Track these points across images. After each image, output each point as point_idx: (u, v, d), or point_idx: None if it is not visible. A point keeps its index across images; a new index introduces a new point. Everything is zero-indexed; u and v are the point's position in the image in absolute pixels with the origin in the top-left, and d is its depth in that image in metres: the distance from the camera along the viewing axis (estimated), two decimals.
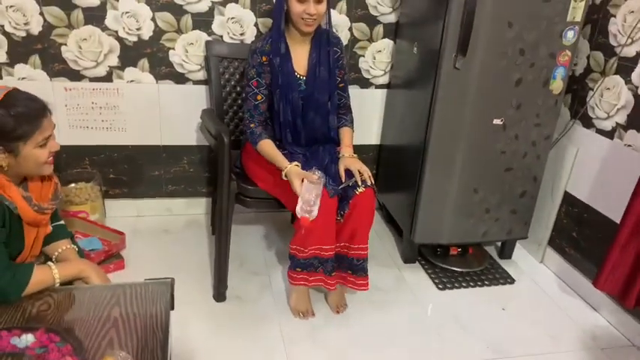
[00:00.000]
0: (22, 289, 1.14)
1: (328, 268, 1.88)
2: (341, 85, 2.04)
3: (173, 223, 2.59)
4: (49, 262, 1.27)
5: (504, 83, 2.04)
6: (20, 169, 1.22)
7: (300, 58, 1.93)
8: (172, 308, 1.19)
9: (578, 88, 2.26)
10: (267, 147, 1.88)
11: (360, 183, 1.85)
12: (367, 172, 1.87)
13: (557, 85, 2.10)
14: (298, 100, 1.94)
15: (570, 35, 2.02)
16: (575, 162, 2.27)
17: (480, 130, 2.10)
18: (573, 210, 2.30)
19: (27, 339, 1.03)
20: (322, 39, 1.94)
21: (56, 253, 1.37)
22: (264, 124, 1.97)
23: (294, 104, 1.93)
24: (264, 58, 1.88)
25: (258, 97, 1.91)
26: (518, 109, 2.09)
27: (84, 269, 1.29)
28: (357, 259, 1.91)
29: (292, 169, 1.79)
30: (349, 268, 1.94)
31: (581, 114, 2.22)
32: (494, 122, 2.09)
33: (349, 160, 1.91)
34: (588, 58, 2.20)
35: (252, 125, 1.91)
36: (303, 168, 1.84)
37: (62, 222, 1.46)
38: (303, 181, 1.75)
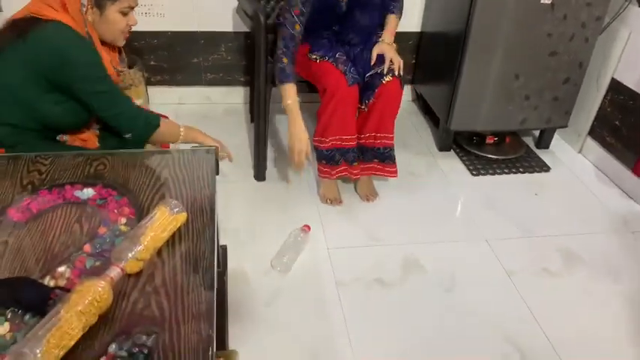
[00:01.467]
0: (151, 132, 1.34)
1: (350, 157, 1.92)
2: None
3: (213, 110, 2.66)
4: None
5: None
6: (99, 30, 1.31)
7: None
8: (217, 173, 1.26)
9: None
10: (289, 91, 1.80)
11: (386, 71, 1.83)
12: (399, 62, 1.85)
13: None
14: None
15: None
16: (626, 46, 2.16)
17: (525, 11, 2.00)
18: (619, 97, 2.23)
19: (88, 192, 1.13)
20: None
21: None
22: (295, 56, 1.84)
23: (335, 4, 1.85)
24: None
25: (297, 27, 1.77)
26: None
27: (203, 139, 1.49)
28: (384, 148, 1.95)
29: (292, 107, 1.79)
30: (376, 157, 1.98)
31: None
32: (541, 1, 1.98)
33: (385, 46, 1.88)
34: None
35: (284, 60, 1.78)
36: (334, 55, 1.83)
37: None
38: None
